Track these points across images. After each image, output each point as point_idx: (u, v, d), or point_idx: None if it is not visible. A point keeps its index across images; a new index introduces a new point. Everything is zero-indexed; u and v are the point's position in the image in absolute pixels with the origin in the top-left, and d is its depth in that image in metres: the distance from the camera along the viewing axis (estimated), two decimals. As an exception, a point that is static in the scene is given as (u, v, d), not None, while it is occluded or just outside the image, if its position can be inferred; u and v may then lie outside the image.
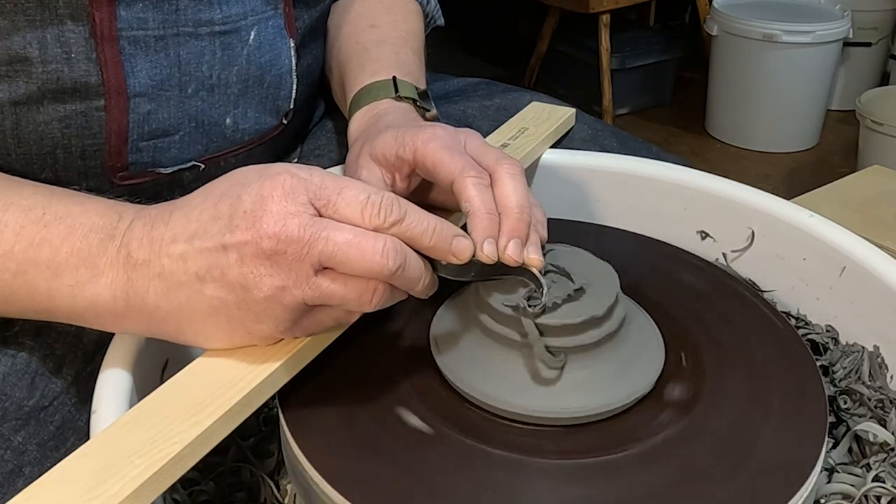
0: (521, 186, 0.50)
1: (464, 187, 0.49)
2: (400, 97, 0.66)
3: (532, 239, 0.48)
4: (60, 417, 0.56)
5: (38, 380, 0.56)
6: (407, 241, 0.44)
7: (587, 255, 0.51)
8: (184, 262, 0.44)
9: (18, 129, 0.57)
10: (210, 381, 0.44)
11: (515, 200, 0.49)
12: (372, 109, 0.66)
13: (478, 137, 0.54)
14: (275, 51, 0.66)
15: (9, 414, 0.54)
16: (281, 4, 0.66)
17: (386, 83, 0.67)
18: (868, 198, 1.56)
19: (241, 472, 0.50)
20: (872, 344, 0.57)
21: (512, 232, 0.47)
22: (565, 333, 0.46)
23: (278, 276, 0.42)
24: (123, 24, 0.57)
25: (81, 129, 0.58)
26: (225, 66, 0.63)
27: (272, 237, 0.41)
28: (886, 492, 0.47)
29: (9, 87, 0.55)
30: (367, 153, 0.56)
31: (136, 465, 0.38)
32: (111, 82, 0.58)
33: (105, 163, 0.60)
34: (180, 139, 0.63)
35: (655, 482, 0.43)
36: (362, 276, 0.43)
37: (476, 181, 0.49)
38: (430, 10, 0.83)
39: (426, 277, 0.45)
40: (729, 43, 2.40)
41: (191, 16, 0.60)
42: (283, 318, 0.43)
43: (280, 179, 0.43)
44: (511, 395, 0.46)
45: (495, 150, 0.52)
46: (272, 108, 0.68)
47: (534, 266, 0.47)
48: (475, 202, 0.48)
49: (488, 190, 0.49)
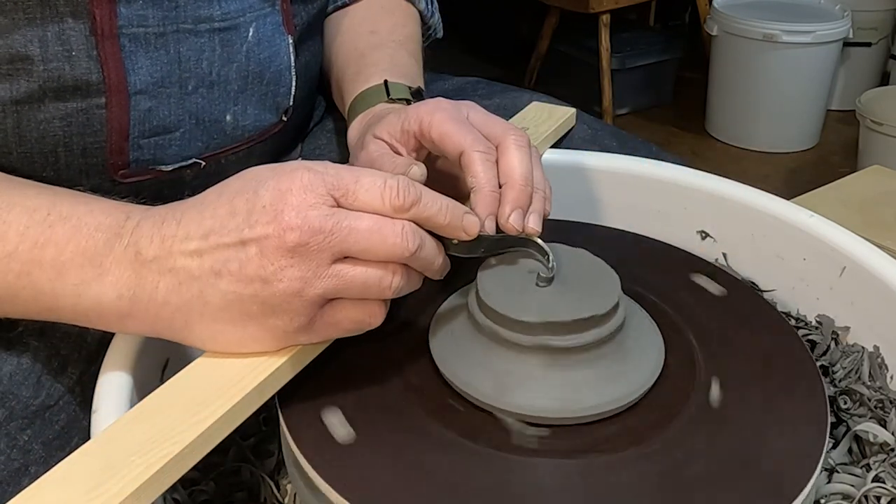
0: (527, 157, 0.52)
1: (472, 162, 0.51)
2: (392, 100, 0.67)
3: (534, 207, 0.50)
4: (66, 417, 0.56)
5: (43, 379, 0.56)
6: (423, 222, 0.45)
7: (587, 255, 0.51)
8: (199, 257, 0.43)
9: (20, 128, 0.57)
10: (210, 381, 0.44)
11: (520, 172, 0.51)
12: (367, 115, 0.66)
13: (480, 108, 0.55)
14: (273, 47, 0.66)
15: (15, 413, 0.54)
16: (278, 1, 0.66)
17: (378, 88, 0.68)
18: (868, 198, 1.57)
19: (241, 472, 0.50)
20: (872, 344, 0.57)
21: (515, 202, 0.50)
22: (566, 332, 0.46)
23: (299, 268, 0.42)
24: (124, 22, 0.57)
25: (83, 126, 0.58)
26: (225, 63, 0.63)
27: (295, 229, 0.41)
28: (886, 492, 0.47)
29: (10, 86, 0.56)
30: (370, 136, 0.57)
31: (137, 465, 0.38)
32: (112, 80, 0.58)
33: (106, 161, 0.61)
34: (181, 136, 0.63)
35: (655, 482, 0.43)
36: (383, 260, 0.43)
37: (483, 157, 0.51)
38: (434, 22, 0.84)
39: (439, 258, 0.46)
40: (729, 43, 2.40)
41: (190, 12, 0.60)
42: (302, 311, 0.43)
43: (297, 174, 0.43)
44: (512, 395, 0.46)
45: (501, 121, 0.54)
46: (272, 105, 0.69)
47: (532, 234, 0.49)
48: (481, 178, 0.50)
49: (494, 166, 0.51)
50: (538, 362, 0.47)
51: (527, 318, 0.46)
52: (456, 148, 0.52)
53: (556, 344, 0.46)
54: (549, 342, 0.46)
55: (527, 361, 0.47)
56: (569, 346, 0.46)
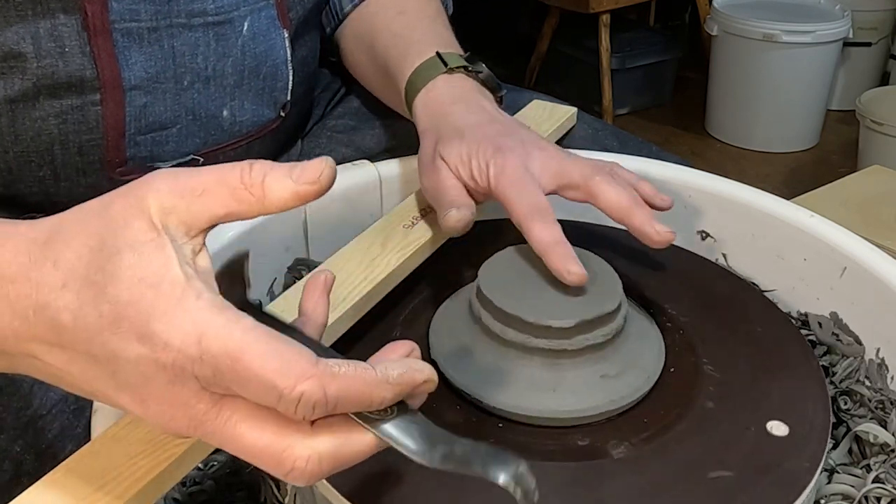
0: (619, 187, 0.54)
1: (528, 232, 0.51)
2: (451, 69, 0.64)
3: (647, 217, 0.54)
4: (59, 425, 0.55)
5: (35, 388, 0.55)
6: None
7: (588, 255, 0.51)
8: None
9: (15, 127, 0.57)
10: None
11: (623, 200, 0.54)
12: (430, 91, 0.64)
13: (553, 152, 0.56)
14: (269, 41, 0.66)
15: (7, 424, 0.53)
16: None
17: (433, 61, 0.65)
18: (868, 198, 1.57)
19: (241, 472, 0.50)
20: (873, 344, 0.57)
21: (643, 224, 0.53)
22: (568, 333, 0.46)
23: None
24: (115, 17, 0.57)
25: (78, 124, 0.58)
26: (220, 58, 0.63)
27: None
28: (887, 493, 0.47)
29: (4, 84, 0.56)
30: (440, 157, 0.57)
31: (140, 466, 0.38)
32: (106, 76, 0.58)
33: (103, 158, 0.60)
34: (178, 132, 0.63)
35: (656, 482, 0.43)
36: None
37: (541, 227, 0.50)
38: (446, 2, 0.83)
39: None
40: (729, 43, 2.40)
41: (183, 6, 0.60)
42: None
43: None
44: (512, 396, 0.46)
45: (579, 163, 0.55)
46: (269, 101, 0.68)
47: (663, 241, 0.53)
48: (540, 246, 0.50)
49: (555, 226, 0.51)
50: (539, 363, 0.47)
51: (529, 318, 0.46)
52: (516, 219, 0.52)
53: (557, 345, 0.46)
54: (550, 343, 0.46)
55: (528, 362, 0.47)
56: (570, 347, 0.46)
